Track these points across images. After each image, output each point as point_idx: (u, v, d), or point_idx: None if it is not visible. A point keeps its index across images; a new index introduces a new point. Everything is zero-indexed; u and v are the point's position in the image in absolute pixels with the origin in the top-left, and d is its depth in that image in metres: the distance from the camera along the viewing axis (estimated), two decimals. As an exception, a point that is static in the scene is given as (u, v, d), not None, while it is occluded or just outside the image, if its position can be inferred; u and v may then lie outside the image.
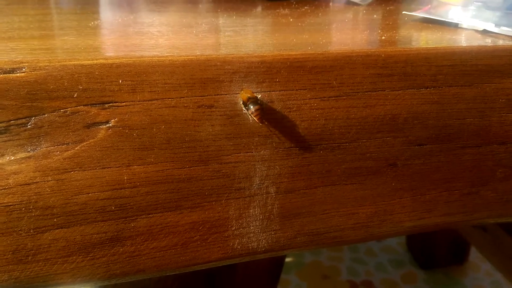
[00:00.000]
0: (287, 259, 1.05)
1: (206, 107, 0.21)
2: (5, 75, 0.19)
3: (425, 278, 1.02)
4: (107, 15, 0.33)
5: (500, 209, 0.27)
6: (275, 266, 0.41)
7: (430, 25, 0.32)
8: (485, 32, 0.30)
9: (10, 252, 0.20)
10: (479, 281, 1.03)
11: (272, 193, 0.23)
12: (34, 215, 0.20)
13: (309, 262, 1.05)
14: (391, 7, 0.41)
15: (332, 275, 1.02)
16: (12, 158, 0.19)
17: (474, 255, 1.07)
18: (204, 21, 0.31)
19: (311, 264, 1.04)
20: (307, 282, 0.99)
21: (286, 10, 0.37)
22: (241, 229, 0.23)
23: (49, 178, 0.20)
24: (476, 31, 0.30)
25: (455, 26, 0.32)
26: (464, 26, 0.31)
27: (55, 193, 0.20)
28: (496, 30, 0.29)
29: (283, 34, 0.28)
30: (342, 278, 1.01)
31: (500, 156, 0.26)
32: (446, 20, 0.32)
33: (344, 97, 0.23)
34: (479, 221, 0.27)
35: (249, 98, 0.21)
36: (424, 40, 0.28)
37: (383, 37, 0.28)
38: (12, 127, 0.19)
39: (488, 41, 0.27)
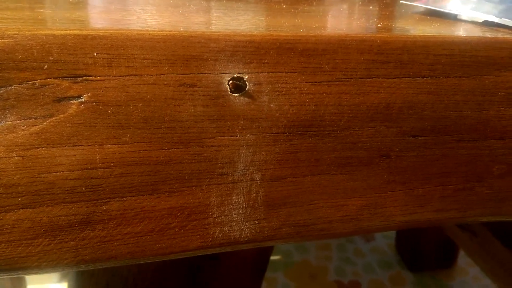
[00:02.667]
0: (275, 258, 1.04)
1: (188, 86, 0.20)
2: (-30, 41, 0.17)
3: (413, 280, 1.02)
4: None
5: (495, 207, 0.26)
6: (260, 261, 0.40)
7: (428, 16, 0.31)
8: (485, 24, 0.29)
9: (-30, 233, 0.18)
10: (466, 285, 1.03)
11: (257, 180, 0.22)
12: (-4, 194, 0.18)
13: (297, 261, 1.04)
14: (388, 0, 0.40)
15: (320, 274, 1.01)
16: (-25, 131, 0.18)
17: (463, 259, 1.07)
18: (193, 3, 0.30)
19: (298, 264, 1.03)
20: (294, 281, 0.98)
21: (280, -4, 0.36)
22: (222, 217, 0.22)
23: (14, 154, 0.18)
24: (476, 23, 0.29)
25: (454, 18, 0.30)
26: (464, 17, 0.30)
27: (20, 170, 0.18)
28: (497, 20, 0.28)
29: (275, 18, 0.27)
30: (329, 278, 1.00)
31: (497, 152, 0.25)
32: (445, 11, 0.31)
33: (337, 82, 0.22)
34: (473, 219, 0.26)
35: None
36: (421, 30, 0.27)
37: (379, 25, 0.27)
38: (-24, 98, 0.18)
39: (488, 33, 0.26)
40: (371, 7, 0.36)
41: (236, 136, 0.21)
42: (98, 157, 0.19)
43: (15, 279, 0.76)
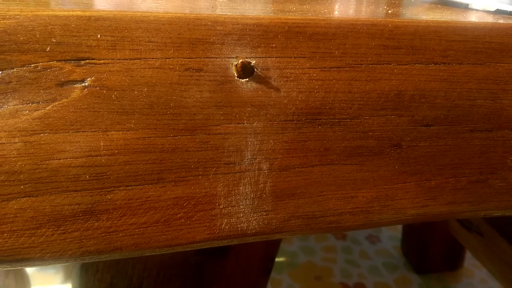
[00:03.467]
0: (280, 259, 1.04)
1: (194, 70, 0.19)
2: (-29, 23, 0.17)
3: (419, 282, 1.01)
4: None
5: (509, 200, 0.25)
6: (267, 260, 0.39)
7: (439, 5, 0.30)
8: (497, 13, 0.28)
9: (-30, 222, 0.18)
10: (473, 287, 1.02)
11: (264, 170, 0.21)
12: (-3, 181, 0.18)
13: (302, 262, 1.03)
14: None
15: (325, 276, 1.00)
16: (-25, 116, 0.17)
17: (469, 261, 1.06)
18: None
19: (304, 265, 1.02)
20: (299, 282, 0.97)
21: (287, -12, 0.36)
22: (229, 208, 0.21)
23: (16, 140, 0.18)
24: (488, 12, 0.28)
25: (465, 7, 0.30)
26: (475, 6, 0.29)
27: (22, 156, 0.18)
28: (510, 9, 0.27)
29: (283, 4, 0.26)
30: (335, 280, 1.00)
31: (511, 143, 0.25)
32: (457, 0, 0.30)
33: (347, 68, 0.21)
34: (486, 212, 0.25)
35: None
36: (432, 17, 0.26)
37: (389, 11, 0.26)
38: (-24, 81, 0.17)
39: (501, 21, 0.25)
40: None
41: (243, 124, 0.20)
42: (102, 144, 0.19)
43: (19, 280, 0.76)
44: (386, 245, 1.12)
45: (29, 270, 0.83)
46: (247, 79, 0.20)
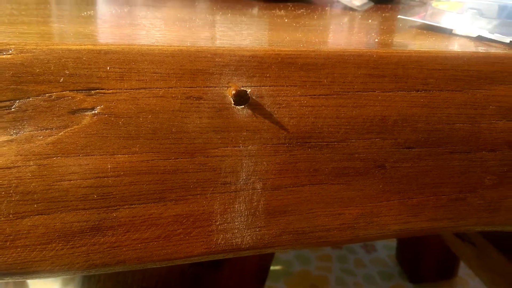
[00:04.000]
0: (275, 268, 1.05)
1: (194, 98, 0.21)
2: (-9, 56, 0.19)
3: (414, 292, 1.02)
4: (101, 7, 0.33)
5: (488, 217, 0.27)
6: (261, 270, 0.41)
7: (425, 31, 0.32)
8: (478, 39, 0.30)
9: (-12, 237, 0.19)
10: (467, 296, 1.03)
11: (258, 189, 0.23)
12: (14, 200, 0.19)
13: (298, 271, 1.04)
14: (387, 14, 0.41)
15: (320, 285, 1.01)
16: (-6, 140, 0.19)
17: (463, 271, 1.07)
18: (199, 17, 0.31)
19: (299, 273, 1.03)
20: (295, 291, 0.99)
21: (282, 11, 0.37)
22: (225, 224, 0.23)
23: (31, 163, 0.19)
24: (470, 38, 0.30)
25: (449, 33, 0.32)
26: (458, 32, 0.31)
27: (36, 178, 0.20)
28: (490, 36, 0.29)
29: (277, 32, 0.28)
30: (330, 289, 1.01)
31: (489, 164, 0.26)
32: (440, 26, 0.32)
33: (335, 95, 0.23)
34: (466, 228, 0.27)
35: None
36: (417, 45, 0.28)
37: (376, 40, 0.28)
38: (-4, 109, 0.19)
39: (481, 48, 0.27)
40: (370, 21, 0.37)
41: (239, 147, 0.22)
42: (109, 166, 0.20)
43: (18, 284, 0.76)
44: (381, 254, 1.13)
45: (28, 278, 0.84)
46: (243, 106, 0.22)
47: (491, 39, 0.29)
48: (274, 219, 0.23)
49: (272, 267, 1.04)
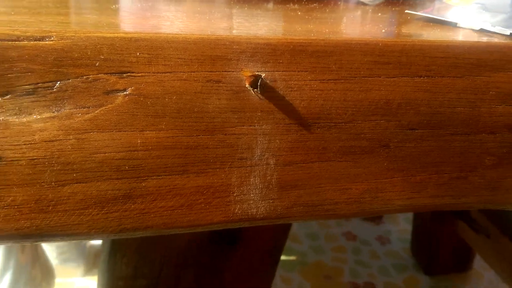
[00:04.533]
0: (291, 258, 1.07)
1: (214, 82, 0.23)
2: (36, 42, 0.21)
3: (429, 283, 1.03)
4: (127, 1, 0.36)
5: (488, 195, 0.29)
6: (275, 250, 0.43)
7: (431, 24, 0.34)
8: (481, 31, 0.31)
9: (33, 202, 0.22)
10: (481, 289, 1.04)
11: (271, 165, 0.25)
12: (56, 169, 0.22)
13: (312, 262, 1.06)
14: (397, 8, 0.43)
15: (335, 276, 1.03)
16: (39, 117, 0.22)
17: (478, 263, 1.08)
18: (217, 10, 0.34)
19: (314, 264, 1.05)
20: (309, 281, 1.00)
21: (296, 5, 0.40)
22: (242, 196, 0.25)
23: (71, 137, 0.22)
24: (473, 30, 0.32)
25: (454, 26, 0.33)
26: (462, 25, 0.33)
27: (75, 150, 0.22)
28: (492, 29, 0.30)
29: (290, 24, 0.30)
30: (344, 280, 1.02)
31: (488, 145, 0.28)
32: (446, 19, 0.34)
33: (342, 80, 0.25)
34: (467, 206, 0.29)
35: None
36: (421, 35, 0.30)
37: (383, 30, 0.30)
38: (40, 89, 0.22)
39: (482, 39, 0.28)
40: (379, 14, 0.39)
41: (254, 126, 0.25)
42: (139, 141, 0.23)
43: (45, 271, 0.80)
44: (395, 246, 1.14)
45: (53, 263, 0.88)
46: (258, 89, 0.24)
47: (493, 31, 0.31)
48: (286, 192, 0.26)
49: (287, 258, 1.06)
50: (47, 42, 0.21)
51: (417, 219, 1.08)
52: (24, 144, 0.22)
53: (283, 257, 1.06)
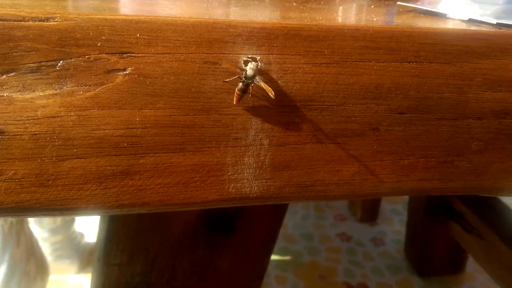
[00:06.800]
0: (285, 258, 1.07)
1: (211, 63, 0.24)
2: (40, 22, 0.22)
3: (421, 285, 1.03)
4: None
5: (474, 180, 0.30)
6: (269, 238, 0.44)
7: (422, 15, 0.35)
8: (470, 21, 0.33)
9: (34, 176, 0.23)
10: (474, 290, 1.04)
11: (265, 145, 0.26)
12: (56, 145, 0.23)
13: (307, 261, 1.07)
14: (390, 2, 0.44)
15: (329, 275, 1.03)
16: (41, 94, 0.23)
17: (471, 266, 1.08)
18: (216, 0, 0.35)
19: (308, 264, 1.06)
20: (303, 281, 1.01)
21: (292, -2, 0.41)
22: (236, 175, 0.26)
23: (72, 114, 0.23)
24: (462, 20, 0.33)
25: (443, 17, 0.34)
26: (452, 16, 0.34)
27: (76, 126, 0.23)
28: (480, 18, 0.32)
29: (285, 12, 0.31)
30: (338, 279, 1.03)
31: (475, 130, 0.29)
32: (436, 11, 0.35)
33: (334, 64, 0.26)
34: (454, 190, 0.30)
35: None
36: (411, 23, 0.31)
37: (374, 19, 0.31)
38: (43, 67, 0.23)
39: (470, 28, 0.29)
40: (372, 6, 0.40)
41: (249, 107, 0.25)
42: (137, 119, 0.24)
43: (40, 266, 0.80)
44: (389, 248, 1.15)
45: (48, 260, 0.88)
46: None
47: (481, 21, 0.32)
48: (279, 173, 0.27)
49: (281, 257, 1.07)
50: (51, 22, 0.22)
51: (411, 220, 1.09)
52: (27, 120, 0.22)
53: (278, 257, 1.07)
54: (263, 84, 0.24)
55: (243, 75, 0.24)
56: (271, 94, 0.24)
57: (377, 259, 1.11)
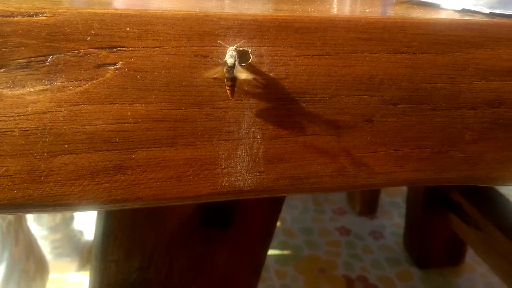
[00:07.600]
0: (285, 252, 1.07)
1: (202, 56, 0.24)
2: (29, 18, 0.22)
3: (421, 276, 1.04)
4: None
5: (468, 170, 0.30)
6: (265, 233, 0.44)
7: (415, 6, 0.35)
8: (463, 11, 0.32)
9: (26, 172, 0.23)
10: (473, 282, 1.05)
11: (258, 138, 0.26)
12: (48, 140, 0.23)
13: (307, 255, 1.07)
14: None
15: (329, 269, 1.04)
16: (32, 89, 0.22)
17: (471, 257, 1.09)
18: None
19: (308, 258, 1.06)
20: (303, 275, 1.01)
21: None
22: (229, 168, 0.26)
23: (63, 109, 0.23)
24: (455, 11, 0.33)
25: (437, 7, 0.34)
26: (445, 6, 0.34)
27: (67, 122, 0.23)
28: (473, 8, 0.31)
29: (277, 5, 0.31)
30: (338, 273, 1.03)
31: (469, 120, 0.29)
32: (429, 1, 0.35)
33: (326, 56, 0.26)
34: (448, 180, 0.30)
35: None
36: (404, 14, 0.31)
37: (367, 10, 0.31)
38: (33, 63, 0.22)
39: (463, 18, 0.29)
40: (366, -1, 0.40)
41: (241, 100, 0.25)
42: (129, 113, 0.24)
43: (39, 265, 0.80)
44: (389, 241, 1.15)
45: (47, 258, 0.88)
46: (245, 64, 0.25)
47: (474, 10, 0.32)
48: (272, 165, 0.27)
49: (281, 252, 1.07)
50: (40, 17, 0.22)
51: (409, 212, 1.09)
52: (18, 116, 0.22)
53: (277, 251, 1.07)
54: (240, 68, 0.24)
55: (226, 66, 0.24)
56: (249, 76, 0.24)
57: (376, 252, 1.12)
